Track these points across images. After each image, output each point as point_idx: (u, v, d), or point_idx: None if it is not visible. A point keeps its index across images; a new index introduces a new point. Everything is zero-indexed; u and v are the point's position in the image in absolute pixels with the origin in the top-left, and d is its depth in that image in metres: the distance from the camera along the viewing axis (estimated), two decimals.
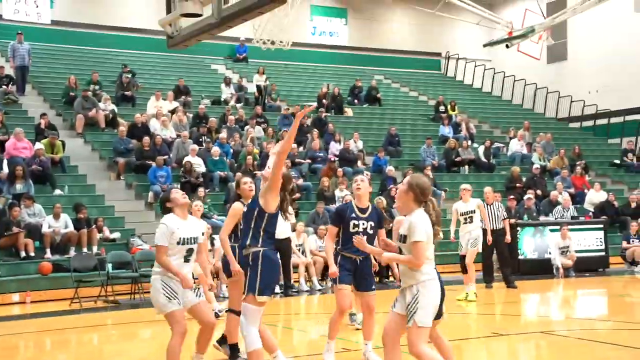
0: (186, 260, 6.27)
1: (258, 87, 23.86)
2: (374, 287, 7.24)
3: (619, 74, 27.18)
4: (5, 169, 15.88)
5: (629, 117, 26.78)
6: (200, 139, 19.19)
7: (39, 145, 16.83)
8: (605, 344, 8.15)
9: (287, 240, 13.37)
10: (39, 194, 15.64)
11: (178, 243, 6.16)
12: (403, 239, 5.30)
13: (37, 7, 25.14)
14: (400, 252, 5.37)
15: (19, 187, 15.42)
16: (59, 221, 14.56)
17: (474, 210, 12.49)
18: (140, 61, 25.54)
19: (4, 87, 20.14)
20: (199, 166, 17.73)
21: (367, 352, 7.14)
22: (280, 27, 9.21)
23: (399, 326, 5.31)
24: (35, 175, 16.11)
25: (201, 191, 16.41)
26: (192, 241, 6.29)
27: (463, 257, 12.70)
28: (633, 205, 19.41)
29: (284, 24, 9.06)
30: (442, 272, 6.13)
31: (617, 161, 24.50)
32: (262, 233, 6.09)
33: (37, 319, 11.70)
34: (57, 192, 16.28)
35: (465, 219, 12.49)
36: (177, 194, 6.35)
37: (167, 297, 6.18)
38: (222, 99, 23.36)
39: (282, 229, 13.30)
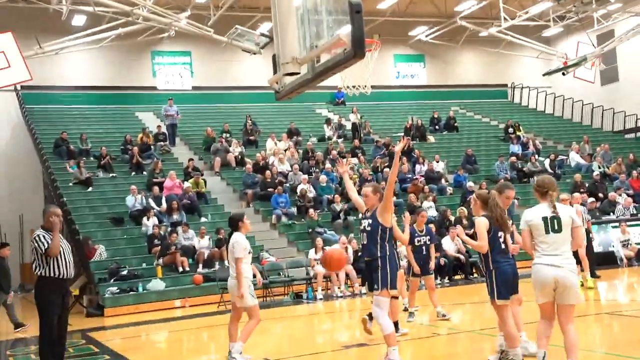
0: (252, 262, 7.54)
1: (353, 124, 24.14)
2: None
3: None
4: (164, 204, 16.81)
5: None
6: (310, 170, 19.62)
7: (187, 184, 17.73)
8: None
9: None
10: (190, 222, 16.44)
11: (249, 252, 7.29)
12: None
13: (182, 77, 26.68)
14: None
15: (175, 217, 16.32)
16: (204, 241, 15.29)
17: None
18: (260, 111, 26.39)
19: (161, 142, 21.34)
20: (311, 192, 18.11)
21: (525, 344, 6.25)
22: (362, 77, 9.47)
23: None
24: (186, 207, 16.97)
25: (312, 212, 16.77)
26: (252, 250, 7.57)
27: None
28: None
29: (365, 74, 9.32)
30: None
31: None
32: (387, 243, 6.45)
33: (193, 319, 12.30)
34: (203, 219, 17.07)
35: None
36: (248, 222, 7.47)
37: (252, 295, 7.20)
38: (325, 136, 23.78)
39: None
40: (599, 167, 21.28)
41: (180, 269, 14.79)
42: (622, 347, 6.80)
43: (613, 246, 15.51)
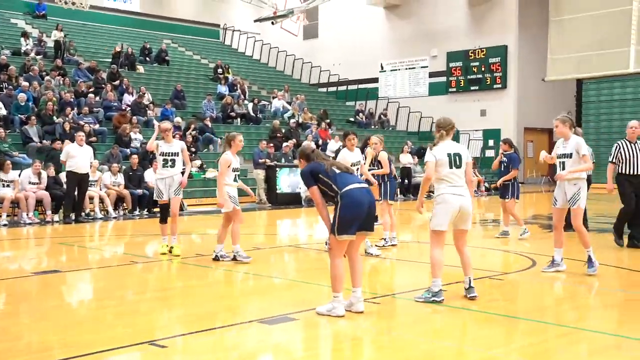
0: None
1: (56, 42, 22.13)
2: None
3: (354, 51, 29.08)
4: None
5: (361, 86, 28.85)
6: (1, 86, 17.51)
7: None
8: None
9: (87, 175, 13.08)
10: None
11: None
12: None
13: None
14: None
15: None
16: None
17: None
18: None
19: None
20: (1, 109, 16.24)
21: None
22: None
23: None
24: None
25: (1, 132, 15.13)
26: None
27: None
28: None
29: None
30: None
31: (352, 119, 26.40)
32: None
33: None
34: None
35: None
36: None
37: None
38: (22, 51, 21.36)
39: (84, 164, 12.90)
40: (295, 116, 23.26)
41: None
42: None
43: (300, 188, 17.28)
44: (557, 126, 6.93)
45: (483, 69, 25.67)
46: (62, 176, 13.48)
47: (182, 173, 8.76)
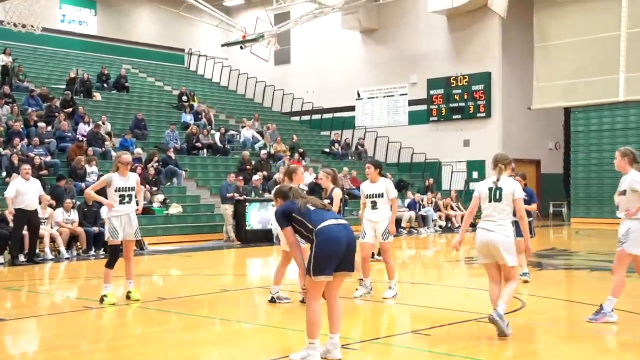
0: None
1: (4, 67, 21.90)
2: None
3: (329, 78, 29.33)
4: None
5: (336, 114, 29.02)
6: None
7: None
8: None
9: (35, 212, 12.80)
10: None
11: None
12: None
13: None
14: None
15: None
16: None
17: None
18: None
19: None
20: None
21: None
22: (31, 12, 8.64)
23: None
24: None
25: None
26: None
27: None
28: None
29: (35, 9, 8.51)
30: None
31: (327, 149, 26.48)
32: None
33: None
34: None
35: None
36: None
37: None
38: None
39: (32, 200, 12.62)
40: (266, 146, 23.26)
41: None
42: None
43: (271, 224, 17.13)
44: (616, 158, 6.94)
45: (466, 96, 26.04)
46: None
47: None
